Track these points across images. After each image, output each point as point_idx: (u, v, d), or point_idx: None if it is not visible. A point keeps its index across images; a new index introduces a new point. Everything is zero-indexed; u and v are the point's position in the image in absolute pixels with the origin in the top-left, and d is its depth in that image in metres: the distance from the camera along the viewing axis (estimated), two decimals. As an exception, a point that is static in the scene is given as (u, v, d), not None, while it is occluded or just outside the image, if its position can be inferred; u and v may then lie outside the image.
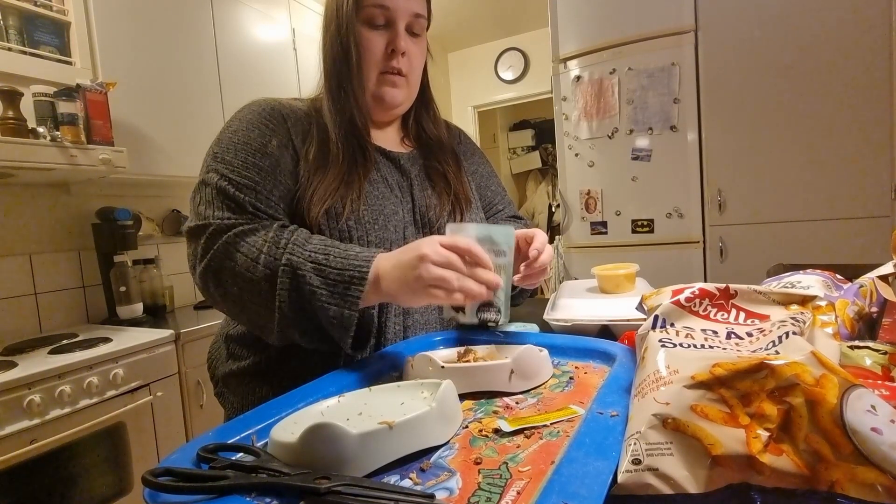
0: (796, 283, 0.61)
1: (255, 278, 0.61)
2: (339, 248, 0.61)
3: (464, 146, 0.95)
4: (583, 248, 2.43)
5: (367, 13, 0.73)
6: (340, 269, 0.59)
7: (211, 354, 0.82)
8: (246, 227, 0.63)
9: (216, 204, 0.65)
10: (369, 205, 0.71)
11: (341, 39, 0.74)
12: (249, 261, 0.61)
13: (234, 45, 2.16)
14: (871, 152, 1.90)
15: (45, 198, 1.76)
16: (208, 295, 0.66)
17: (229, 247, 0.62)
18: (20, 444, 1.17)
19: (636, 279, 0.94)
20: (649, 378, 0.37)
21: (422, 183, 0.81)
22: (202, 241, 0.64)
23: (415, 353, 0.59)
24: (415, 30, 0.77)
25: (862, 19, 1.87)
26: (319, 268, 0.59)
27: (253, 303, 0.62)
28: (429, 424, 0.41)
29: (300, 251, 0.61)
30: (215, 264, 0.63)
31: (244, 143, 0.68)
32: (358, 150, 0.74)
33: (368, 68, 0.75)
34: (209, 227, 0.64)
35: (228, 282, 0.63)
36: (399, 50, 0.74)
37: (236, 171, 0.66)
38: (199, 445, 0.40)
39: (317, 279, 0.59)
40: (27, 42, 1.55)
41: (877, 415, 0.30)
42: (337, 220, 0.68)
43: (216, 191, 0.66)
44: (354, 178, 0.71)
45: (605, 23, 2.27)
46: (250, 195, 0.65)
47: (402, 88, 0.78)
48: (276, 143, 0.70)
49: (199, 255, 0.64)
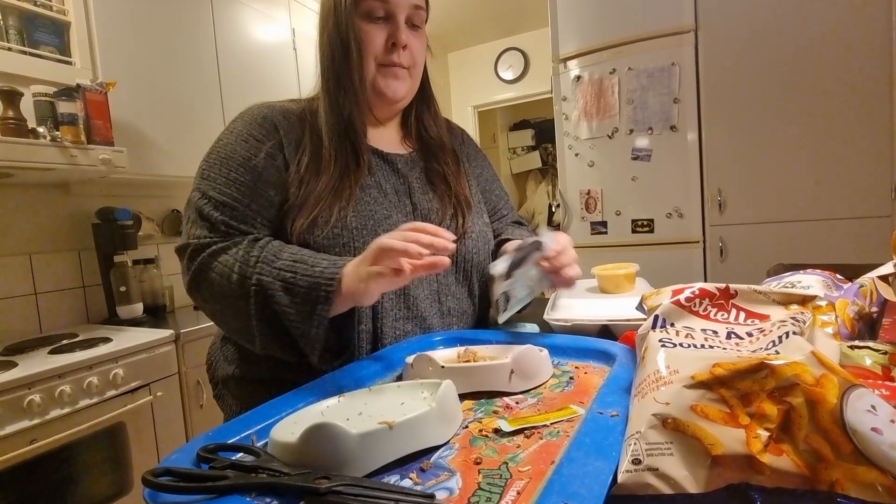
0: (796, 283, 0.61)
1: (231, 297, 0.63)
2: (307, 262, 0.62)
3: (467, 148, 0.94)
4: (583, 248, 2.43)
5: (366, 6, 0.72)
6: (307, 287, 0.60)
7: (210, 356, 0.83)
8: (218, 247, 0.66)
9: (196, 223, 0.68)
10: (358, 210, 0.71)
11: (340, 34, 0.73)
12: (224, 280, 0.64)
13: (234, 44, 2.16)
14: (871, 152, 1.90)
15: (45, 198, 1.76)
16: (199, 309, 0.71)
17: (205, 267, 0.65)
18: (20, 444, 1.17)
19: (636, 279, 0.94)
20: (649, 378, 0.37)
21: (423, 187, 0.81)
22: (185, 260, 0.68)
23: (415, 353, 0.59)
24: (415, 21, 0.76)
25: (862, 19, 1.87)
26: (287, 286, 0.61)
27: (234, 319, 0.65)
28: (429, 424, 0.41)
29: (269, 269, 0.62)
30: (195, 284, 0.67)
31: (229, 158, 0.70)
32: (351, 156, 0.74)
33: (368, 62, 0.74)
34: (188, 246, 0.67)
35: (210, 300, 0.67)
36: (400, 43, 0.73)
37: (217, 189, 0.69)
38: (199, 445, 0.40)
39: (285, 298, 0.61)
40: (27, 42, 1.55)
41: (877, 415, 0.30)
42: (322, 229, 0.68)
43: (196, 210, 0.69)
44: (345, 186, 0.71)
45: (605, 23, 2.27)
46: (226, 213, 0.68)
47: (405, 81, 0.77)
48: (262, 154, 0.71)
49: (184, 274, 0.69)
